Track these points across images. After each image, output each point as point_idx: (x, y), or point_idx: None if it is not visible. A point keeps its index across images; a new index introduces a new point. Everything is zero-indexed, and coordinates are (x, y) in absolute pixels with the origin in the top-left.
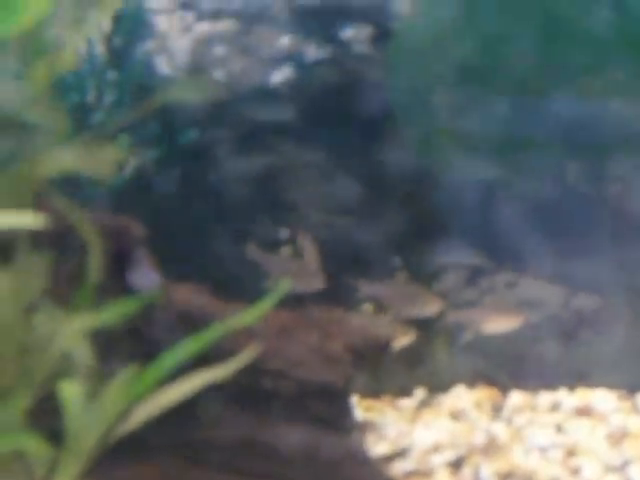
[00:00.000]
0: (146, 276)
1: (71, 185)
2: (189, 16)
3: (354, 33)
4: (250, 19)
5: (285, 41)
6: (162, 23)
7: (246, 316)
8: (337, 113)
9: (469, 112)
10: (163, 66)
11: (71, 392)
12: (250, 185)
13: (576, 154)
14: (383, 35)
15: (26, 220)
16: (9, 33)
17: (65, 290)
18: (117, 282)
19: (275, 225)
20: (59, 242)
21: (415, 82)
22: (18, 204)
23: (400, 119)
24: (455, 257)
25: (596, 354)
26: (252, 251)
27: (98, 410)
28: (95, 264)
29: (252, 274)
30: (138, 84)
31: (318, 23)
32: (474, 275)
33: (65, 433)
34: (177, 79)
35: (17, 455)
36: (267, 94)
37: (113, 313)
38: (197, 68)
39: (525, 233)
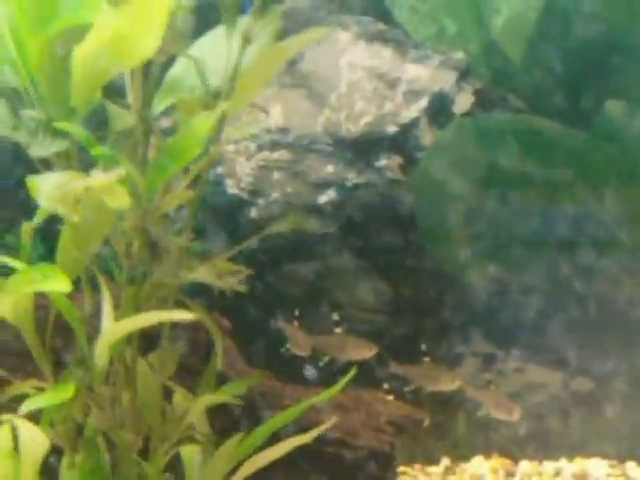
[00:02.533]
0: None
1: None
2: (252, 145)
3: (387, 161)
4: (301, 149)
5: (330, 168)
6: (230, 151)
7: (323, 396)
8: (372, 227)
9: (478, 222)
10: (231, 187)
11: (192, 453)
12: (304, 284)
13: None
14: (410, 163)
15: (178, 315)
16: None
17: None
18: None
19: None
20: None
21: (435, 201)
22: (159, 306)
23: (423, 232)
24: (471, 346)
25: (591, 428)
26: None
27: (212, 468)
28: (219, 353)
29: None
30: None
31: (357, 153)
32: (487, 361)
33: None
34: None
35: None
36: (315, 212)
37: (228, 393)
38: (258, 190)
39: (531, 326)
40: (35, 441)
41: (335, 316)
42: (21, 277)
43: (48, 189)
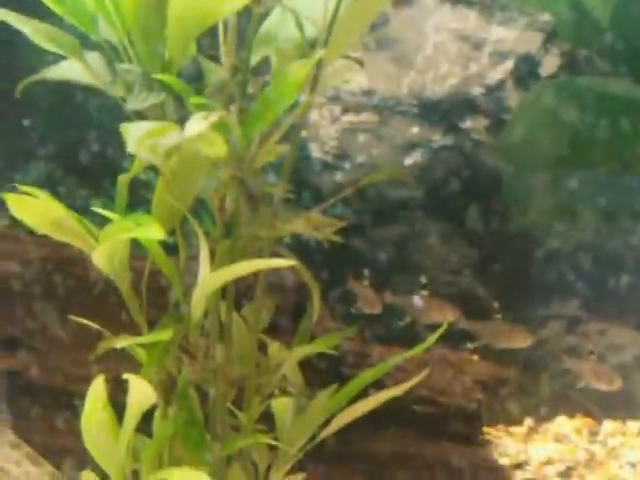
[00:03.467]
0: None
1: None
2: (336, 109)
3: (472, 123)
4: (386, 112)
5: (415, 130)
6: (314, 115)
7: (415, 351)
8: (457, 189)
9: (564, 187)
10: (315, 151)
11: (284, 406)
12: (389, 249)
13: None
14: (495, 125)
15: (277, 263)
16: None
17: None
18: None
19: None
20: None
21: (520, 164)
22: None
23: (508, 194)
24: (556, 309)
25: None
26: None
27: (304, 420)
28: (316, 305)
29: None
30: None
31: (442, 115)
32: (572, 324)
33: (279, 439)
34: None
35: (244, 453)
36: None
37: (324, 345)
38: (343, 153)
39: (614, 288)
40: (143, 393)
41: (421, 279)
42: (115, 226)
43: (139, 136)
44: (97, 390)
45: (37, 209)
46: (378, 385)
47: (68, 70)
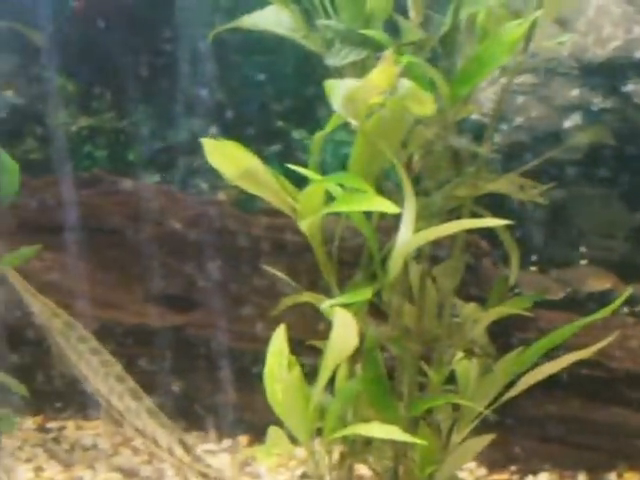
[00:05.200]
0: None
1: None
2: (496, 71)
3: (634, 87)
4: (547, 73)
5: (575, 92)
6: None
7: (596, 316)
8: (617, 154)
9: None
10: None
11: (465, 366)
12: (547, 212)
13: None
14: None
15: (492, 222)
16: None
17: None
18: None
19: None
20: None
21: None
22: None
23: None
24: None
25: None
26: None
27: (489, 382)
28: (514, 268)
29: None
30: None
31: (603, 78)
32: None
33: (457, 399)
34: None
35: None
36: (560, 137)
37: (516, 306)
38: (501, 115)
39: None
40: (347, 332)
41: (580, 247)
42: (316, 187)
43: (346, 94)
44: (279, 342)
45: (233, 158)
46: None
47: (263, 20)
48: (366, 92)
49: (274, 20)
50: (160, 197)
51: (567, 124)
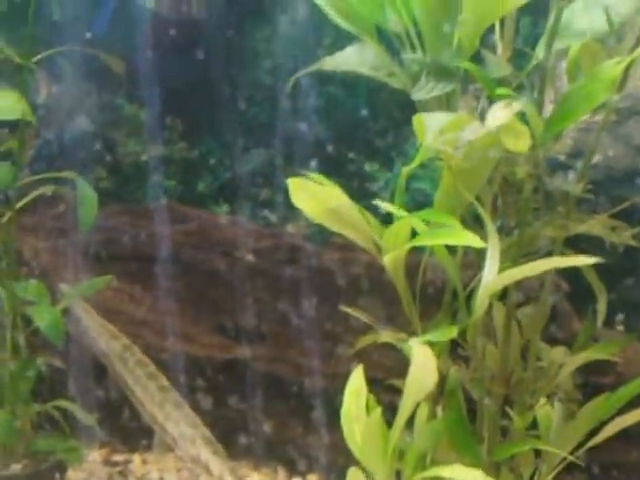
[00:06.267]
0: None
1: None
2: None
3: None
4: (624, 111)
5: None
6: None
7: None
8: None
9: None
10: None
11: (547, 411)
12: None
13: None
14: None
15: (582, 261)
16: None
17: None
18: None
19: None
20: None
21: None
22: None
23: None
24: None
25: None
26: None
27: (572, 428)
28: (602, 309)
29: None
30: None
31: None
32: None
33: (543, 445)
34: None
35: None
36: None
37: (604, 350)
38: (577, 153)
39: None
40: (427, 369)
41: None
42: (403, 224)
43: (437, 128)
44: (357, 383)
45: (318, 197)
46: None
47: (345, 60)
48: (457, 126)
49: (357, 59)
50: (231, 228)
51: None
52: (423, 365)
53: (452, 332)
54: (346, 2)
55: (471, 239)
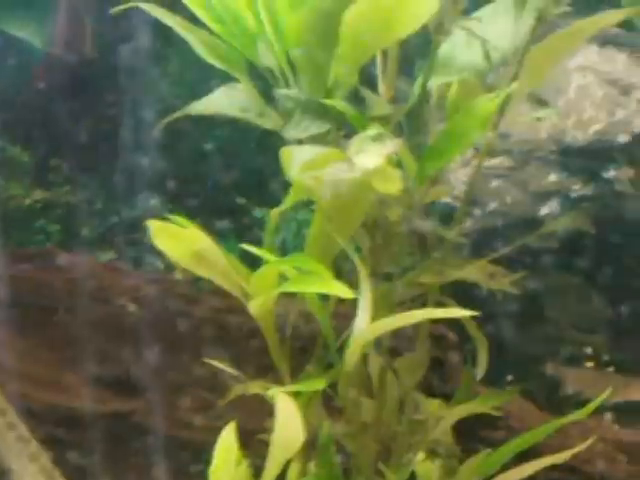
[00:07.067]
0: None
1: None
2: (468, 151)
3: (616, 173)
4: (522, 156)
5: (553, 178)
6: None
7: (571, 417)
8: (597, 243)
9: None
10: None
11: (427, 467)
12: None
13: None
14: None
15: (457, 313)
16: None
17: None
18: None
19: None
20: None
21: None
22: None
23: None
24: None
25: None
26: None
27: None
28: (482, 361)
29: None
30: None
31: (583, 163)
32: None
33: None
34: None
35: None
36: (535, 224)
37: (484, 404)
38: (474, 199)
39: None
40: (292, 429)
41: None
42: (270, 269)
43: (303, 163)
44: (228, 440)
45: (181, 239)
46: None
47: (213, 103)
48: (327, 161)
49: (226, 101)
50: (107, 274)
51: (544, 210)
52: (287, 419)
53: (321, 383)
54: (215, 37)
55: (340, 289)
